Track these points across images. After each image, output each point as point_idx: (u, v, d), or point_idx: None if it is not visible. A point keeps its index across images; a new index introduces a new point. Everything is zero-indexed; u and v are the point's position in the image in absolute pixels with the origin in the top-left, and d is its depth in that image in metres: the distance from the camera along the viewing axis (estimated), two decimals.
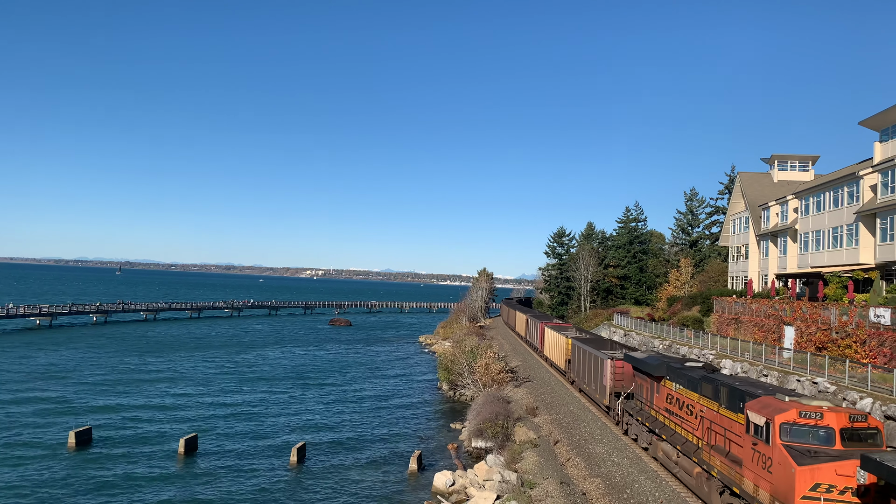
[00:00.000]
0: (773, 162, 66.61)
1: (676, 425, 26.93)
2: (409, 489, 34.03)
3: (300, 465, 37.28)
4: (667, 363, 29.38)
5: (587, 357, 43.28)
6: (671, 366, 28.73)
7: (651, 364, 30.58)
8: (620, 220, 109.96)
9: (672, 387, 27.93)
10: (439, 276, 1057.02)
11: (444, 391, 62.68)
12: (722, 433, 22.51)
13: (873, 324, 31.90)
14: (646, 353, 36.90)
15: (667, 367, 29.00)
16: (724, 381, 23.37)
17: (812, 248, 49.11)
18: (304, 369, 74.61)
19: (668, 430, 27.67)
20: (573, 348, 48.97)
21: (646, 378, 31.50)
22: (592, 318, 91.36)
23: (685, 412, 26.21)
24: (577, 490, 28.23)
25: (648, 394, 31.08)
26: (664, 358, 31.42)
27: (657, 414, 29.45)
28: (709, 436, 23.64)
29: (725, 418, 22.45)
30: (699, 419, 24.70)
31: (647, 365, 30.97)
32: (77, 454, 37.42)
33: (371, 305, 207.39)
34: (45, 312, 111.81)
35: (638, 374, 33.08)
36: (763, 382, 24.94)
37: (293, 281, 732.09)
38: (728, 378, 24.79)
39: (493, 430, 39.39)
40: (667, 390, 28.51)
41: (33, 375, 61.65)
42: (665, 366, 29.19)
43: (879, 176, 40.97)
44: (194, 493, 32.19)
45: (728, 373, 38.05)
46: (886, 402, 25.10)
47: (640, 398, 32.68)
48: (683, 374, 26.81)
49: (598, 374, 39.34)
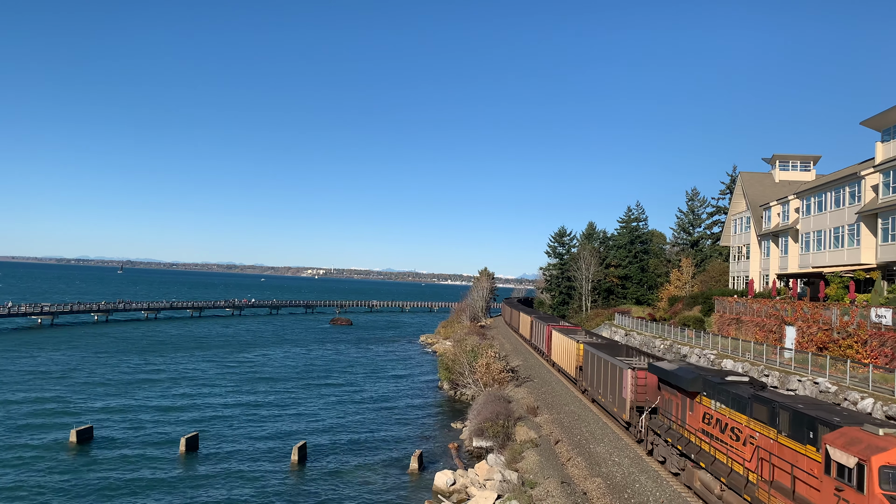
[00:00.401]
0: (774, 162, 66.58)
1: (718, 451, 23.14)
2: (409, 488, 34.04)
3: (301, 464, 37.29)
4: (703, 377, 25.38)
5: (603, 365, 39.23)
6: (709, 380, 24.71)
7: (683, 377, 26.62)
8: (622, 219, 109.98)
9: (711, 405, 24.13)
10: (440, 276, 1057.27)
11: (445, 390, 62.69)
12: (785, 468, 18.79)
13: (875, 324, 31.89)
14: (675, 362, 32.53)
15: (703, 381, 25.04)
16: (784, 403, 19.43)
17: (813, 248, 49.07)
18: (305, 368, 74.64)
19: (706, 456, 23.88)
20: (586, 355, 45.27)
21: (675, 392, 27.73)
22: (593, 317, 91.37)
23: (729, 436, 22.39)
24: (577, 490, 28.23)
25: (679, 411, 27.26)
26: (699, 370, 27.43)
27: (691, 435, 25.59)
28: (764, 469, 19.94)
29: (788, 449, 18.73)
30: (750, 447, 20.97)
31: (679, 378, 27.00)
32: (78, 452, 37.46)
33: (372, 305, 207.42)
34: (46, 311, 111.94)
35: (665, 387, 29.26)
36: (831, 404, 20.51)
37: (294, 280, 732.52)
38: (787, 398, 20.87)
39: (494, 430, 39.40)
40: (703, 409, 24.74)
41: (34, 374, 61.72)
42: (701, 380, 25.25)
43: (881, 176, 40.94)
44: (195, 491, 32.21)
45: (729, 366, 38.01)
46: (888, 402, 25.10)
47: (667, 415, 28.81)
48: (726, 390, 23.14)
49: (617, 386, 35.45)
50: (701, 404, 25.00)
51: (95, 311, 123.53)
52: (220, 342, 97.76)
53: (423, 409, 54.89)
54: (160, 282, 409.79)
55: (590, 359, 43.59)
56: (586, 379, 44.94)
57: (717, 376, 25.05)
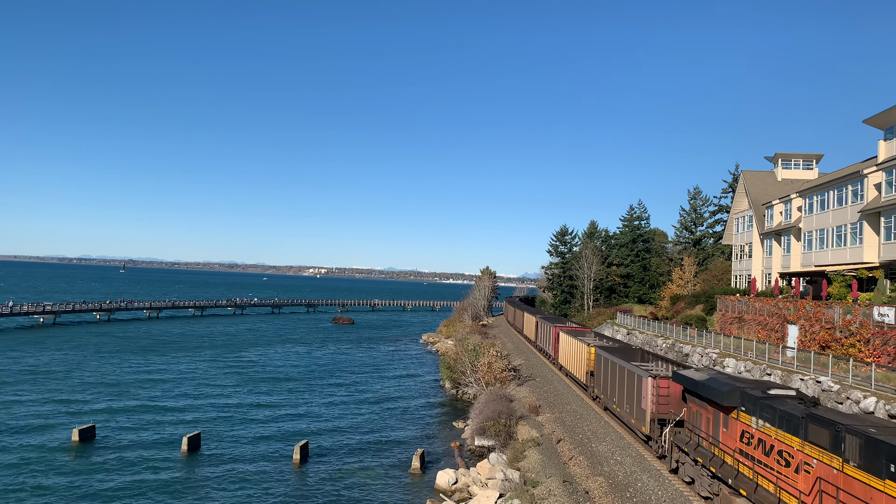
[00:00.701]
0: (776, 160, 66.44)
1: (761, 477, 20.33)
2: (411, 487, 34.04)
3: (303, 462, 37.32)
4: (741, 389, 22.35)
5: (618, 372, 36.13)
6: (748, 393, 21.75)
7: (717, 389, 23.46)
8: (624, 218, 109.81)
9: (751, 422, 21.27)
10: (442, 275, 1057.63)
11: (447, 389, 62.69)
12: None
13: (877, 322, 31.83)
14: (703, 370, 29.10)
15: (742, 394, 22.10)
16: (852, 427, 16.48)
17: (816, 246, 48.96)
18: (307, 367, 74.67)
19: (747, 482, 21.08)
20: (598, 359, 42.03)
21: (705, 405, 24.82)
22: (595, 316, 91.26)
23: (776, 461, 19.58)
24: (579, 489, 28.21)
25: (710, 427, 24.30)
26: (734, 381, 24.17)
27: (726, 455, 22.72)
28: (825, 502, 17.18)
29: (858, 483, 15.95)
30: (805, 475, 18.15)
31: (711, 390, 23.86)
32: (80, 451, 37.50)
33: (374, 304, 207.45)
34: (48, 311, 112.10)
35: (693, 398, 26.36)
36: None
37: (296, 279, 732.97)
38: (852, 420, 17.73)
39: (496, 429, 39.38)
40: (741, 426, 21.84)
41: (37, 374, 61.81)
42: (738, 392, 22.29)
43: (884, 174, 40.82)
44: (197, 490, 32.24)
45: (732, 371, 37.95)
46: (890, 401, 25.04)
47: (695, 429, 25.84)
48: (771, 406, 20.20)
49: (635, 395, 32.38)
50: (738, 421, 22.11)
51: (97, 311, 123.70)
52: (222, 341, 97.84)
53: (424, 409, 54.89)
54: (162, 281, 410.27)
55: (602, 364, 40.60)
56: (598, 385, 41.89)
57: (756, 388, 22.19)
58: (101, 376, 62.03)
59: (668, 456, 28.26)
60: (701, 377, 25.84)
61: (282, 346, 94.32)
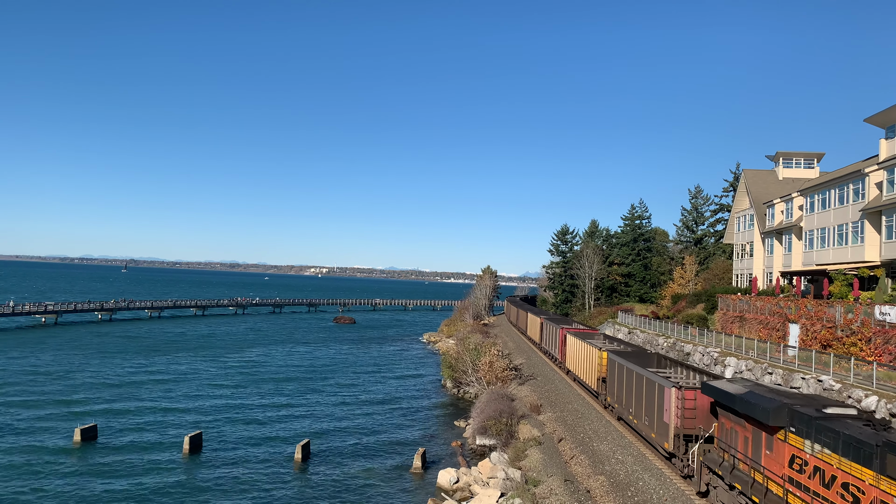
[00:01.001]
0: (777, 159, 66.43)
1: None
2: (412, 487, 34.07)
3: (304, 462, 37.34)
4: (790, 407, 19.16)
5: (635, 380, 33.19)
6: (799, 412, 18.64)
7: (758, 405, 20.27)
8: (625, 217, 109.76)
9: (804, 446, 18.22)
10: (443, 274, 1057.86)
11: (448, 389, 62.72)
12: None
13: (879, 321, 31.83)
14: (738, 381, 25.41)
15: (791, 413, 19.01)
16: None
17: (817, 245, 48.93)
18: (309, 367, 74.72)
19: None
20: (611, 365, 39.05)
21: (743, 422, 21.82)
22: (597, 315, 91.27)
23: (839, 495, 16.62)
24: (581, 488, 28.23)
25: (749, 447, 21.27)
26: (778, 395, 20.92)
27: (770, 483, 19.72)
28: None
29: None
30: None
31: (750, 405, 20.81)
32: (82, 451, 37.55)
33: (375, 303, 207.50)
34: (50, 310, 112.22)
35: (727, 413, 23.31)
36: None
37: (297, 279, 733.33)
38: None
39: (497, 428, 39.41)
40: (791, 449, 18.85)
41: (38, 373, 61.88)
42: (787, 410, 19.14)
43: (885, 173, 40.80)
44: (198, 489, 32.28)
45: (732, 371, 37.95)
46: (892, 399, 25.05)
47: (728, 448, 22.80)
48: (831, 429, 17.10)
49: (655, 407, 29.46)
50: (787, 443, 19.09)
51: (99, 310, 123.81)
52: (224, 341, 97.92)
53: (426, 408, 54.91)
54: (164, 280, 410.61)
55: (617, 370, 37.41)
56: (612, 394, 38.69)
57: (808, 405, 19.11)
58: (102, 376, 62.10)
59: (697, 477, 25.24)
60: (737, 390, 22.73)
61: (283, 346, 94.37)
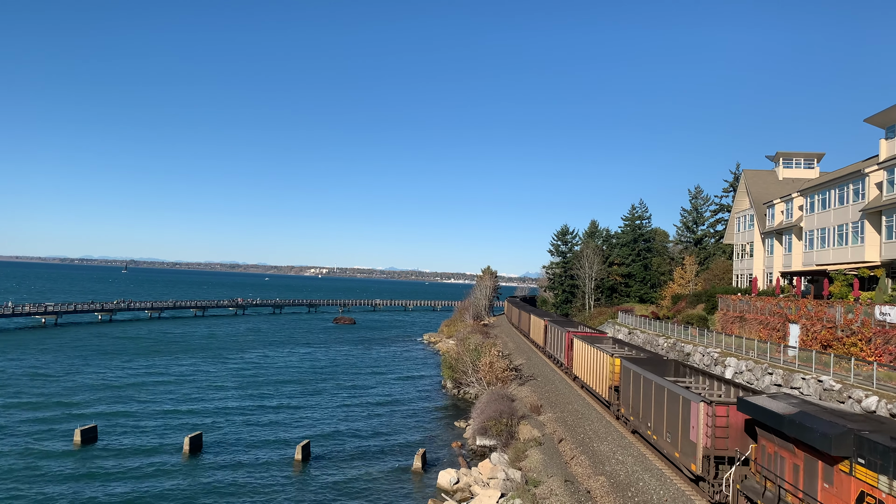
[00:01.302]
0: (777, 159, 66.43)
1: None
2: (413, 487, 34.07)
3: (305, 463, 37.34)
4: (856, 433, 16.08)
5: (654, 391, 29.85)
6: (870, 440, 15.61)
7: (815, 429, 17.22)
8: (625, 217, 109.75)
9: (877, 483, 15.29)
10: (443, 275, 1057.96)
11: (448, 389, 62.70)
12: None
13: (879, 322, 31.82)
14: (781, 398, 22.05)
15: (859, 441, 15.96)
16: None
17: (817, 245, 48.92)
18: (309, 368, 74.71)
19: None
20: (624, 373, 35.48)
21: (791, 448, 19.06)
22: (597, 315, 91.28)
23: None
24: (581, 488, 28.21)
25: (801, 478, 18.46)
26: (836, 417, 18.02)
27: None
28: None
29: None
30: None
31: (803, 428, 17.84)
32: (82, 452, 37.54)
33: (375, 304, 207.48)
34: (50, 311, 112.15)
35: (769, 435, 20.54)
36: None
37: (297, 279, 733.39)
38: None
39: (497, 429, 39.40)
40: (859, 485, 16.00)
41: (38, 374, 61.87)
42: (853, 437, 16.10)
43: (885, 173, 40.79)
44: (198, 490, 32.28)
45: (732, 371, 37.95)
46: (892, 400, 25.03)
47: (774, 479, 19.88)
48: None
49: (679, 423, 26.19)
50: (853, 477, 16.16)
51: (99, 311, 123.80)
52: (224, 342, 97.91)
53: (426, 408, 54.90)
54: (164, 281, 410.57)
55: (632, 379, 33.71)
56: (626, 405, 35.03)
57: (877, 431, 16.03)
58: (102, 377, 62.09)
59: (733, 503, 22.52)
60: (785, 409, 19.56)
61: (283, 347, 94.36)
